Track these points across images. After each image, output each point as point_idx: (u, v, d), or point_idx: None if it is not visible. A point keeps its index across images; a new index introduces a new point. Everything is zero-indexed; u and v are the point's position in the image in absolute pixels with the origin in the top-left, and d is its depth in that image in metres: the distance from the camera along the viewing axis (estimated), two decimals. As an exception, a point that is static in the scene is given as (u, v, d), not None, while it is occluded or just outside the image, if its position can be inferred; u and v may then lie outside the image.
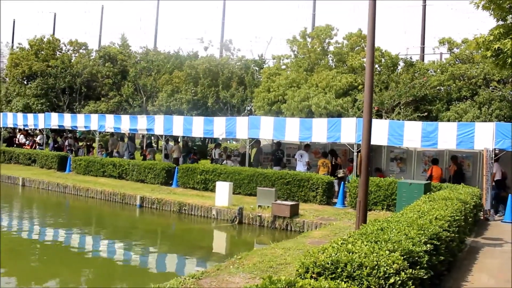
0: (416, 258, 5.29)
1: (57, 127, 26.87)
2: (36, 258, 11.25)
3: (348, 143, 16.49)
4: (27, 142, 30.94)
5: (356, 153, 15.88)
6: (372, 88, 9.40)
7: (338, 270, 4.61)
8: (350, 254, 4.81)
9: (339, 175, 17.20)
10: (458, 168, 16.25)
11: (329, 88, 21.63)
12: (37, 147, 28.94)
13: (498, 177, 14.91)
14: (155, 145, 32.74)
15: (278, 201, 14.30)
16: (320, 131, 16.92)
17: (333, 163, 18.02)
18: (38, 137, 29.75)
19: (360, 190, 9.17)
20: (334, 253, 4.85)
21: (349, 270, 4.58)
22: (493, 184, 14.49)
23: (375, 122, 15.25)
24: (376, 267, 4.60)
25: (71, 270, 10.08)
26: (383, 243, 5.33)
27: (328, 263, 4.67)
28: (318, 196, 15.80)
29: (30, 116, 28.12)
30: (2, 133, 31.76)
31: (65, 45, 38.60)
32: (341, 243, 5.26)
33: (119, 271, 10.42)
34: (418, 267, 5.21)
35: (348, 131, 16.27)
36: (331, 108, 20.64)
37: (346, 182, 16.19)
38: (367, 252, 4.86)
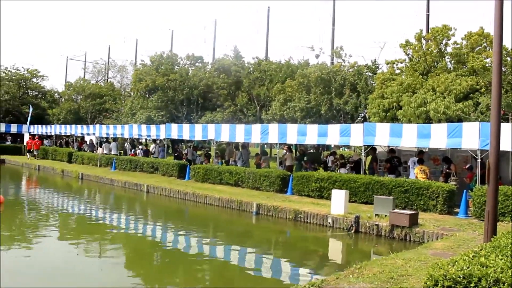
0: (560, 276, 4.85)
1: (177, 137, 28.35)
2: (159, 260, 11.92)
3: (470, 149, 15.57)
4: (133, 150, 32.93)
5: (479, 160, 14.94)
6: (501, 90, 8.82)
7: (471, 285, 4.37)
8: (484, 268, 4.52)
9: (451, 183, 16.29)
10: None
11: (448, 92, 20.59)
12: (151, 156, 30.51)
13: None
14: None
15: (396, 210, 13.86)
16: (439, 137, 16.13)
17: (446, 171, 17.16)
18: (151, 147, 31.46)
19: (489, 199, 8.61)
20: (466, 266, 4.60)
21: (483, 285, 4.31)
22: None
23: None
24: (515, 283, 4.29)
25: (189, 273, 10.54)
26: (520, 257, 4.96)
27: (459, 277, 4.44)
28: (438, 205, 15.10)
29: (153, 127, 29.99)
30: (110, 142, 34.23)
31: (182, 59, 40.82)
32: (473, 256, 4.98)
33: (235, 276, 10.68)
34: (562, 285, 4.77)
35: (471, 136, 15.31)
36: (451, 113, 19.61)
37: (469, 191, 15.29)
38: (504, 267, 4.54)
